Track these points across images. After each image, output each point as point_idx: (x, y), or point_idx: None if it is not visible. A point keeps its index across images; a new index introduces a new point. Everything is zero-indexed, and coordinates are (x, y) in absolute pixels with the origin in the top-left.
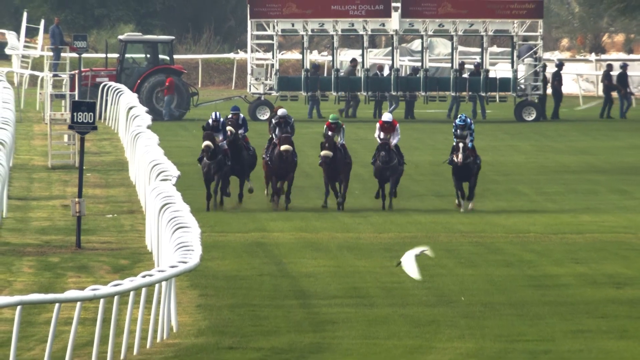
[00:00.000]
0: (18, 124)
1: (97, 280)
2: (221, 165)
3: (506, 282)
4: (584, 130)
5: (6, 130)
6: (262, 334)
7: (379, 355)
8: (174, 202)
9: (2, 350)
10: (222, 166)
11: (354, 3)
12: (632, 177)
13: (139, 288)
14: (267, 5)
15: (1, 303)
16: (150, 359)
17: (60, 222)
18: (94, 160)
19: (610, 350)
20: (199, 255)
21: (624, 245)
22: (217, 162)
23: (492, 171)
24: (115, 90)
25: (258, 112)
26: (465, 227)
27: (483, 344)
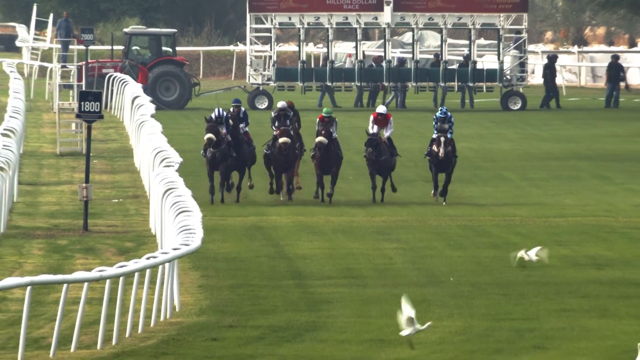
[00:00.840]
0: (28, 113)
1: (103, 261)
2: (226, 155)
3: (493, 263)
4: (567, 119)
5: (17, 119)
6: (260, 312)
7: (372, 333)
8: (176, 188)
9: (14, 329)
10: (227, 155)
11: None
12: (613, 163)
13: (143, 269)
14: (265, 0)
15: (12, 283)
16: (154, 337)
17: (68, 206)
18: (100, 148)
19: (591, 328)
20: (200, 238)
21: (605, 228)
22: (221, 150)
23: (479, 158)
24: (121, 81)
25: (257, 102)
26: (453, 211)
27: (471, 322)
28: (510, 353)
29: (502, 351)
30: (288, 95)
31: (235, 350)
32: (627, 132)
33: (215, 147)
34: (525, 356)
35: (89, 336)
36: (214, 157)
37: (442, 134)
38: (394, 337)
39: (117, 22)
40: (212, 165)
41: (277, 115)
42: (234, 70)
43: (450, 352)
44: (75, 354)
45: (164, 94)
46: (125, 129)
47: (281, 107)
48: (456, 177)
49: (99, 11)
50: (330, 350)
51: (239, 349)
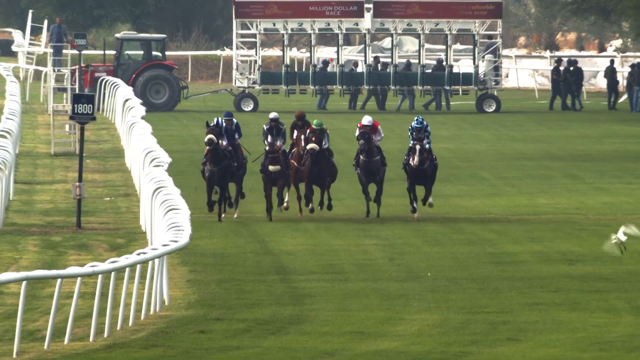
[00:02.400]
0: (23, 115)
1: (95, 257)
2: (226, 172)
3: (469, 259)
4: (540, 120)
5: (13, 121)
6: (246, 306)
7: (353, 325)
8: (166, 186)
9: (10, 322)
10: (227, 172)
11: (330, 4)
12: (583, 163)
13: (134, 265)
14: (251, 7)
15: (8, 278)
16: (144, 330)
17: (62, 204)
18: (93, 148)
19: (563, 321)
20: (188, 234)
21: (576, 225)
22: (222, 168)
23: (455, 158)
24: (113, 84)
25: (243, 104)
26: (430, 209)
27: (448, 315)
28: (485, 345)
29: (477, 343)
30: (273, 98)
31: (222, 343)
32: (597, 133)
33: (214, 163)
34: (499, 348)
35: (82, 329)
36: (213, 176)
37: (417, 142)
38: (374, 330)
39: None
40: (211, 184)
41: (270, 127)
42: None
43: (427, 344)
44: (69, 346)
45: (153, 96)
46: (116, 130)
47: (273, 118)
48: None
49: (92, 17)
50: (313, 343)
51: (226, 341)
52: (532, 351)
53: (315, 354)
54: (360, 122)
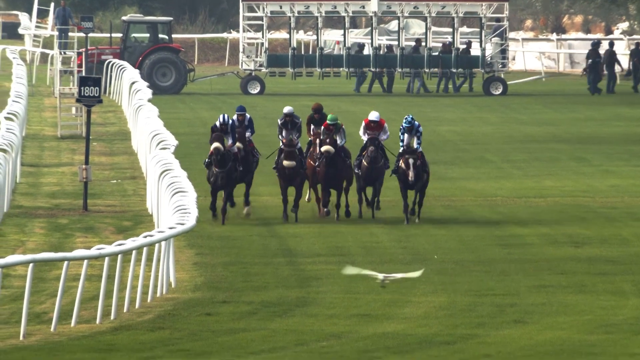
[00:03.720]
0: (30, 98)
1: (102, 240)
2: (231, 175)
3: (475, 241)
4: (547, 103)
5: (19, 103)
6: (252, 289)
7: (360, 308)
8: (172, 169)
9: (16, 304)
10: (232, 175)
11: None
12: (590, 146)
13: (140, 247)
14: None
15: (15, 261)
16: (150, 312)
17: (68, 187)
18: (99, 131)
19: (569, 303)
20: (195, 217)
21: (583, 208)
22: (227, 171)
23: (462, 140)
24: (119, 67)
25: (249, 87)
26: (437, 192)
27: (454, 298)
28: (492, 327)
29: (484, 325)
30: (279, 80)
31: (229, 325)
32: (603, 116)
33: (220, 165)
34: (506, 330)
35: (89, 311)
36: (217, 179)
37: (410, 156)
38: (380, 312)
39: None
40: (216, 187)
41: (284, 122)
42: (227, 56)
43: (434, 327)
44: (76, 328)
45: (160, 79)
46: (123, 113)
47: (287, 113)
48: (440, 159)
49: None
50: (319, 325)
51: (232, 324)
52: (539, 333)
53: (322, 336)
54: (367, 119)
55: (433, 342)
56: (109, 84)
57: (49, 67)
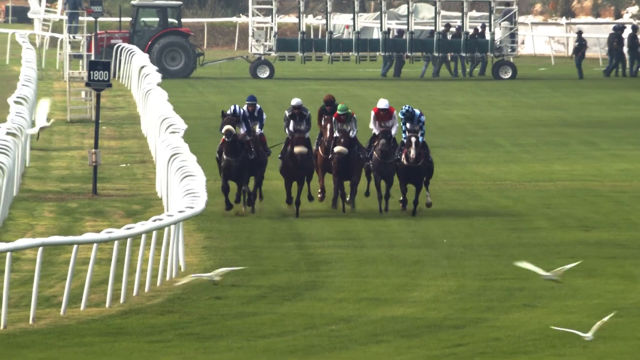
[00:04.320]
0: (40, 82)
1: (111, 224)
2: (244, 163)
3: (485, 225)
4: (556, 87)
5: (29, 87)
6: (262, 273)
7: (369, 292)
8: (181, 153)
9: (26, 287)
10: (245, 163)
11: None
12: (599, 130)
13: (150, 231)
14: None
15: (24, 244)
16: (160, 296)
17: (78, 171)
18: (109, 115)
19: (578, 287)
20: (204, 201)
21: (592, 192)
22: (240, 160)
23: (471, 124)
24: (128, 51)
25: (258, 71)
26: (447, 176)
27: (463, 282)
28: (501, 311)
29: (493, 309)
30: (289, 65)
31: (238, 309)
32: (612, 100)
33: (232, 154)
34: (515, 314)
35: (98, 295)
36: (230, 167)
37: (412, 134)
38: (390, 296)
39: None
40: (227, 175)
41: (292, 114)
42: (236, 40)
43: (443, 310)
44: (85, 311)
45: (169, 63)
46: (132, 97)
47: (295, 105)
48: (450, 143)
49: None
50: (328, 309)
51: (242, 307)
52: (548, 317)
53: (331, 320)
54: (375, 107)
55: (442, 326)
56: (119, 68)
57: (59, 51)
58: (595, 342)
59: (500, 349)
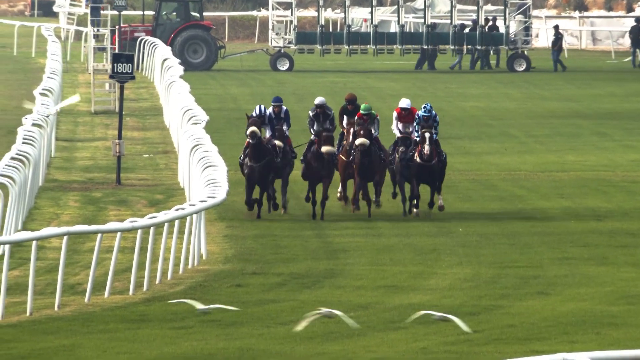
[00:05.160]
0: (65, 74)
1: (135, 213)
2: (268, 169)
3: (499, 214)
4: (569, 79)
5: (54, 80)
6: (282, 261)
7: (386, 280)
8: (203, 144)
9: (51, 275)
10: (269, 169)
11: None
12: (611, 121)
13: (172, 220)
14: None
15: (50, 233)
16: (182, 283)
17: (102, 161)
18: (132, 106)
19: (591, 275)
20: (226, 190)
21: (604, 182)
22: (264, 164)
23: (486, 116)
24: (151, 44)
25: (278, 64)
26: (462, 166)
27: (479, 270)
28: (516, 298)
29: (508, 297)
30: (308, 57)
31: (258, 296)
32: (624, 92)
33: (255, 159)
34: (529, 301)
35: (122, 282)
36: (253, 172)
37: (426, 130)
38: (406, 284)
39: None
40: (251, 181)
41: (316, 113)
42: (257, 34)
43: (459, 298)
44: (109, 299)
45: (191, 56)
46: (155, 89)
47: (319, 104)
48: (465, 134)
49: None
50: (347, 296)
51: (262, 295)
52: (562, 304)
53: (350, 307)
54: (397, 108)
55: (458, 313)
56: (142, 61)
57: (83, 44)
58: (608, 329)
59: (515, 335)
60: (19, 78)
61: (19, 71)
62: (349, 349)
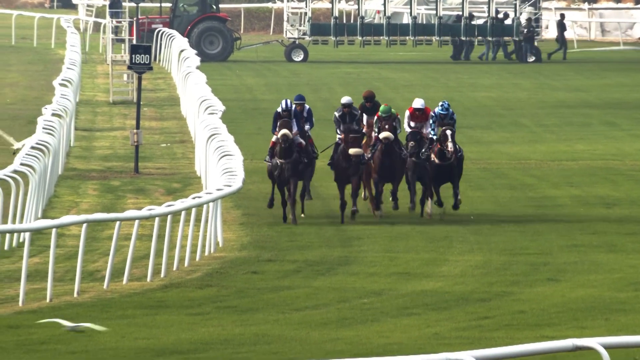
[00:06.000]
0: (83, 65)
1: (152, 201)
2: (297, 166)
3: (510, 203)
4: (578, 70)
5: (73, 70)
6: (297, 248)
7: (399, 266)
8: (219, 133)
9: (71, 262)
10: (298, 166)
11: None
12: (620, 111)
13: (189, 208)
14: None
15: (69, 221)
16: (199, 270)
17: (120, 150)
18: (149, 97)
19: (600, 262)
20: (241, 179)
21: (613, 171)
22: (292, 162)
23: (497, 106)
24: (169, 36)
25: (293, 54)
26: (474, 155)
27: (490, 257)
28: (526, 285)
29: (518, 283)
30: (322, 48)
31: (274, 283)
32: (633, 82)
33: (284, 155)
34: (539, 288)
35: (140, 269)
36: (282, 172)
37: (447, 127)
38: (419, 271)
39: None
40: (281, 179)
41: (342, 114)
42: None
43: (470, 284)
44: (127, 285)
45: (208, 47)
46: (172, 79)
47: (345, 104)
48: (477, 124)
49: None
50: (361, 283)
51: (277, 281)
52: (571, 291)
53: (363, 293)
54: (410, 107)
55: (469, 299)
56: (159, 52)
57: (102, 36)
58: (617, 315)
59: (525, 321)
60: (39, 69)
61: (38, 62)
62: (363, 334)
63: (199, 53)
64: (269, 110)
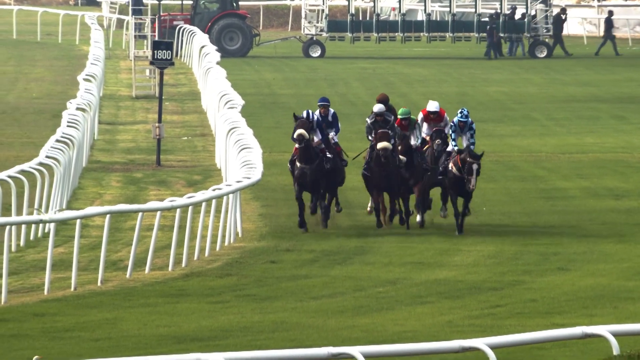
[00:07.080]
0: (107, 60)
1: (174, 193)
2: (320, 172)
3: (521, 194)
4: (588, 65)
5: (97, 66)
6: (314, 238)
7: (414, 256)
8: (239, 127)
9: (94, 252)
10: (321, 172)
11: None
12: (629, 105)
13: (209, 200)
14: None
15: (93, 212)
16: (219, 260)
17: (143, 143)
18: (171, 91)
19: (609, 252)
20: (260, 171)
21: (622, 163)
22: (315, 168)
23: (509, 100)
24: (190, 32)
25: (310, 51)
26: (486, 148)
27: (502, 247)
28: (537, 274)
29: (530, 272)
30: (339, 44)
31: (292, 272)
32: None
33: (306, 161)
34: (550, 277)
35: (161, 259)
36: (304, 175)
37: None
38: (433, 260)
39: None
40: (302, 185)
41: (375, 121)
42: (290, 22)
43: (483, 274)
44: (149, 275)
45: (228, 43)
46: (193, 74)
47: (378, 112)
48: (489, 118)
49: None
50: (376, 272)
51: (295, 271)
52: (581, 280)
53: (379, 282)
54: (424, 109)
55: (482, 288)
56: (180, 48)
57: (125, 32)
58: (625, 303)
59: (536, 309)
60: (64, 64)
61: (63, 58)
62: (378, 322)
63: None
64: (287, 104)
